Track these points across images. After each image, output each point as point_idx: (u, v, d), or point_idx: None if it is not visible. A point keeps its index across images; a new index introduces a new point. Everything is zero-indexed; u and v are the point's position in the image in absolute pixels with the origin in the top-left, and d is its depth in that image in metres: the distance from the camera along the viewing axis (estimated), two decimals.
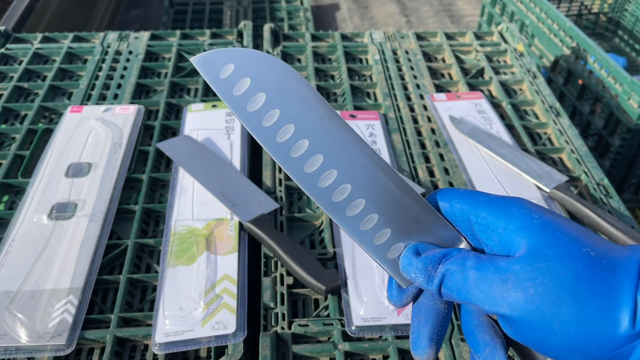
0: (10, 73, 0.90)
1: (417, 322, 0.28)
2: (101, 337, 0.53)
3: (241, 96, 0.26)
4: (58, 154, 0.72)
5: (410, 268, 0.27)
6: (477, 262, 0.25)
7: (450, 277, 0.25)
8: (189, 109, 0.81)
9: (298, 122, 0.26)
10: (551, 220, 0.24)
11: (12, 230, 0.62)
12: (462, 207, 0.27)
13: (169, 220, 0.64)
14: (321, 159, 0.26)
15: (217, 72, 0.27)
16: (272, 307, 0.56)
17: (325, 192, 0.27)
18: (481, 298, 0.24)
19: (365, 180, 0.27)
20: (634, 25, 1.45)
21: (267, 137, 0.26)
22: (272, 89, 0.26)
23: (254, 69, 0.27)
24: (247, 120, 0.26)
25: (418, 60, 0.95)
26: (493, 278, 0.24)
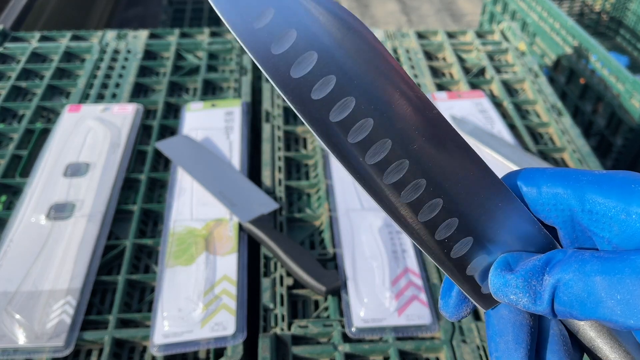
0: (8, 72, 0.90)
1: (504, 345, 0.22)
2: (99, 338, 0.53)
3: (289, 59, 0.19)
4: (56, 154, 0.71)
5: (506, 289, 0.20)
6: (602, 263, 0.19)
7: (566, 289, 0.19)
8: (187, 108, 0.80)
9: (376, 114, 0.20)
10: None
11: (9, 230, 0.62)
12: (558, 191, 0.21)
13: (168, 220, 0.64)
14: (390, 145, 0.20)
15: (251, 19, 0.19)
16: (271, 308, 0.56)
17: (400, 196, 0.20)
18: (620, 311, 0.18)
19: (440, 175, 0.20)
20: (636, 24, 1.44)
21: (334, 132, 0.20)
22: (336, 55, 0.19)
23: (304, 16, 0.19)
24: (304, 104, 0.19)
25: (419, 59, 0.95)
26: (633, 282, 0.18)
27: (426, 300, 0.56)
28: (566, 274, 0.19)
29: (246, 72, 0.90)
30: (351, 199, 0.67)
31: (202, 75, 0.89)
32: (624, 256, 0.18)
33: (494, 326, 0.22)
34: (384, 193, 0.21)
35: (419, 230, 0.21)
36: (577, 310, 0.19)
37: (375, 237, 0.62)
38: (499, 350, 0.22)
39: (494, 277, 0.21)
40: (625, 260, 0.18)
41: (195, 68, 0.92)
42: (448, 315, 0.23)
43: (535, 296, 0.20)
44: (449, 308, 0.23)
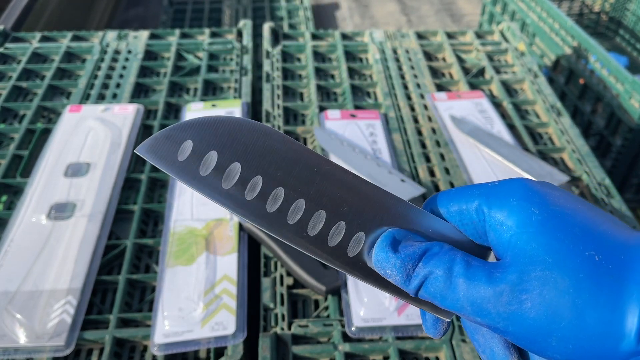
0: (9, 72, 0.90)
1: (482, 339, 0.24)
2: (100, 337, 0.53)
3: (215, 174, 0.23)
4: (57, 154, 0.72)
5: (385, 264, 0.23)
6: (467, 269, 0.22)
7: (433, 282, 0.22)
8: (188, 109, 0.81)
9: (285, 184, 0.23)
10: (553, 214, 0.21)
11: (10, 230, 0.62)
12: (459, 207, 0.24)
13: (168, 220, 0.64)
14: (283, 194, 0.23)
15: (174, 155, 0.23)
16: (271, 307, 0.56)
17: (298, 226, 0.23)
18: (470, 311, 0.21)
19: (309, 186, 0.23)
20: (635, 24, 1.45)
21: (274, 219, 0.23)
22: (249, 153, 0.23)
23: (216, 137, 0.23)
24: (241, 206, 0.23)
25: (419, 59, 0.95)
26: (486, 290, 0.21)
27: None
28: (436, 270, 0.22)
29: (246, 73, 0.90)
30: None
31: (203, 76, 0.89)
32: (487, 267, 0.22)
33: (470, 327, 0.25)
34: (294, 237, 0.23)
35: (349, 264, 0.24)
36: (439, 300, 0.22)
37: None
38: (481, 344, 0.24)
39: (378, 250, 0.23)
40: (486, 270, 0.21)
41: (195, 68, 0.92)
42: (431, 334, 0.26)
43: (406, 278, 0.23)
44: (428, 328, 0.26)
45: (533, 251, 0.21)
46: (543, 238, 0.21)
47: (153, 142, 0.23)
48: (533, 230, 0.21)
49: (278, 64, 0.92)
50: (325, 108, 0.83)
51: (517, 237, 0.21)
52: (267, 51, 0.95)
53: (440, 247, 0.23)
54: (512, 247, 0.22)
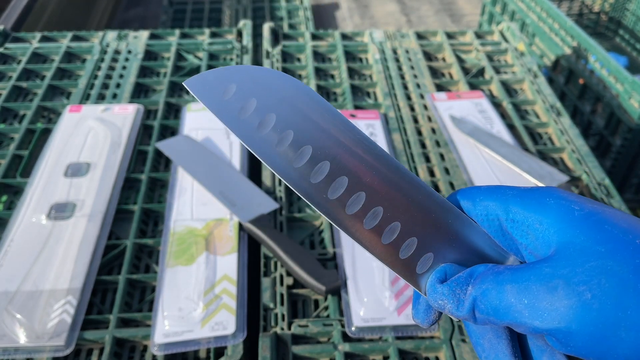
0: (9, 72, 0.90)
1: (487, 343, 0.24)
2: (100, 337, 0.53)
3: (252, 121, 0.23)
4: (57, 154, 0.72)
5: (435, 295, 0.23)
6: (513, 273, 0.21)
7: (483, 297, 0.22)
8: (188, 109, 0.81)
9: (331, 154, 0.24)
10: (594, 211, 0.21)
11: (10, 230, 0.62)
12: (488, 203, 0.24)
13: (168, 220, 0.64)
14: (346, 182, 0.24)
15: (219, 93, 0.24)
16: (271, 307, 0.56)
17: (345, 208, 0.24)
18: (527, 314, 0.20)
19: (380, 187, 0.24)
20: (634, 24, 1.45)
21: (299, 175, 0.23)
22: (291, 109, 0.24)
23: (261, 86, 0.24)
24: (272, 157, 0.23)
25: (418, 59, 0.95)
26: (538, 287, 0.20)
27: None
28: (484, 284, 0.22)
29: None
30: None
31: None
32: (531, 265, 0.21)
33: (475, 331, 0.25)
34: (349, 222, 0.24)
35: (384, 251, 0.24)
36: (493, 315, 0.22)
37: None
38: (485, 349, 0.24)
39: (429, 285, 0.24)
40: (532, 269, 0.21)
41: (195, 68, 0.92)
42: (420, 321, 0.26)
43: (458, 304, 0.23)
44: (419, 314, 0.25)
45: (583, 243, 0.20)
46: (590, 230, 0.21)
47: (200, 79, 0.24)
48: (577, 224, 0.21)
49: (278, 64, 0.92)
50: None
51: (563, 232, 0.21)
52: (267, 51, 0.95)
53: (484, 267, 0.23)
54: (557, 243, 0.21)
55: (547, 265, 0.21)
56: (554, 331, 0.20)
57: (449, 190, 0.70)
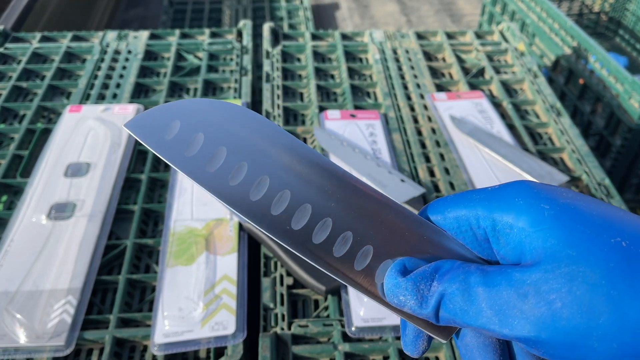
0: (9, 72, 0.90)
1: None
2: (100, 337, 0.53)
3: (200, 157, 0.22)
4: (57, 154, 0.72)
5: (397, 290, 0.22)
6: (484, 276, 0.20)
7: (451, 298, 0.20)
8: None
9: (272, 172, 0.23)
10: (566, 207, 0.20)
11: (10, 230, 0.62)
12: (457, 213, 0.23)
13: (168, 220, 0.64)
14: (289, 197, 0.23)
15: (162, 133, 0.22)
16: (271, 307, 0.56)
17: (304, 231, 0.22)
18: (496, 321, 0.19)
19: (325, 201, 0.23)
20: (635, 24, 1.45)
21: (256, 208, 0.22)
22: (242, 140, 0.22)
23: (207, 120, 0.23)
24: (226, 194, 0.22)
25: (418, 59, 0.95)
26: (508, 294, 0.19)
27: None
28: (453, 284, 0.21)
29: (246, 73, 0.90)
30: None
31: (203, 76, 0.89)
32: (505, 270, 0.20)
33: (464, 354, 0.23)
34: (317, 253, 0.23)
35: (339, 266, 0.23)
36: (460, 318, 0.20)
37: None
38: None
39: (387, 279, 0.22)
40: (504, 273, 0.20)
41: (195, 68, 0.92)
42: (409, 352, 0.24)
43: (422, 300, 0.21)
44: (407, 345, 0.24)
45: (553, 247, 0.19)
46: (561, 232, 0.19)
47: (141, 119, 0.22)
48: (548, 225, 0.20)
49: (278, 64, 0.92)
50: (325, 108, 0.83)
51: (532, 237, 0.20)
52: (267, 51, 0.95)
53: (451, 263, 0.22)
54: (528, 249, 0.20)
55: (518, 271, 0.20)
56: (523, 339, 0.19)
57: (449, 191, 0.70)
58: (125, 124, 0.23)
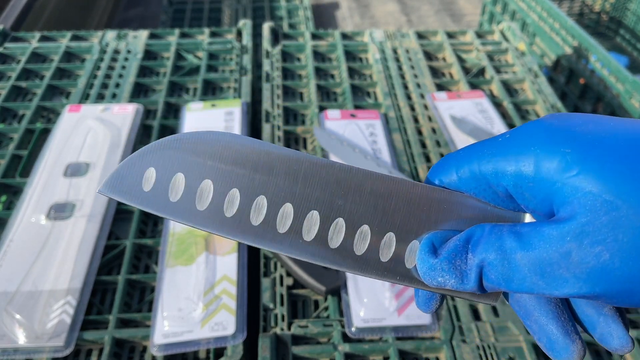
0: (8, 72, 0.90)
1: (536, 326, 0.21)
2: (100, 338, 0.53)
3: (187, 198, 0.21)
4: (56, 154, 0.71)
5: (433, 272, 0.20)
6: (519, 239, 0.19)
7: (490, 268, 0.19)
8: (187, 108, 0.81)
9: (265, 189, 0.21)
10: (589, 145, 0.18)
11: (10, 230, 0.62)
12: (471, 172, 0.21)
13: (168, 220, 0.64)
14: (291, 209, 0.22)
15: (139, 187, 0.21)
16: (271, 308, 0.56)
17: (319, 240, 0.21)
18: (543, 284, 0.18)
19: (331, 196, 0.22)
20: (635, 24, 1.44)
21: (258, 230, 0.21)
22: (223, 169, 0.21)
23: (182, 161, 0.21)
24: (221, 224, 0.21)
25: (419, 59, 0.95)
26: (549, 255, 0.18)
27: None
28: (489, 253, 0.19)
29: (246, 72, 0.90)
30: None
31: (202, 75, 0.89)
32: (537, 228, 0.19)
33: (519, 313, 0.22)
34: (336, 256, 0.22)
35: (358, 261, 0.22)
36: (505, 286, 0.19)
37: None
38: (535, 332, 0.21)
39: (420, 262, 0.21)
40: (539, 233, 0.18)
41: (195, 68, 0.92)
42: (423, 310, 0.23)
43: (462, 277, 0.20)
44: (421, 305, 0.23)
45: (587, 196, 0.17)
46: (591, 177, 0.17)
47: (113, 179, 0.21)
48: (575, 173, 0.18)
49: (278, 63, 0.92)
50: (325, 108, 0.83)
51: (561, 189, 0.18)
52: (267, 51, 0.95)
53: (481, 229, 0.20)
54: (559, 201, 0.18)
55: (554, 228, 0.18)
56: (577, 296, 0.18)
57: None
58: (99, 190, 0.21)
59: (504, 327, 0.55)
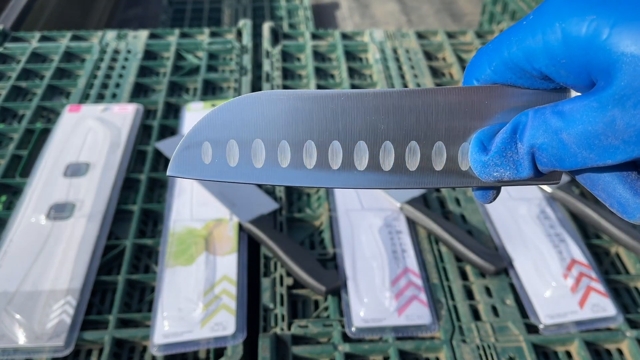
0: (8, 72, 0.90)
1: (616, 204, 0.21)
2: (99, 338, 0.53)
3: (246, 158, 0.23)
4: (56, 154, 0.71)
5: (488, 169, 0.21)
6: (562, 117, 0.19)
7: (541, 152, 0.20)
8: (187, 108, 0.80)
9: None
10: (615, 5, 0.17)
11: (9, 230, 0.62)
12: (502, 61, 0.21)
13: (168, 220, 0.64)
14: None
15: (200, 159, 0.23)
16: (271, 308, 0.56)
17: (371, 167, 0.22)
18: (595, 157, 0.18)
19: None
20: None
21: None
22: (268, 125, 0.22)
23: (230, 125, 0.23)
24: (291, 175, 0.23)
25: (419, 59, 0.95)
26: (595, 127, 0.18)
27: (426, 300, 0.56)
28: (536, 139, 0.20)
29: (246, 72, 0.90)
30: (351, 199, 0.67)
31: (202, 75, 0.89)
32: (578, 102, 0.19)
33: (586, 184, 0.21)
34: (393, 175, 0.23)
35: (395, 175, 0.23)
36: (559, 165, 0.20)
37: (375, 237, 0.62)
38: (605, 199, 0.21)
39: (473, 162, 0.22)
40: (581, 106, 0.18)
41: (195, 68, 0.92)
42: (482, 200, 0.24)
43: (516, 166, 0.21)
44: (479, 197, 0.24)
45: (621, 58, 0.17)
46: (621, 37, 0.17)
47: (175, 161, 0.23)
48: (605, 38, 0.17)
49: (278, 63, 0.92)
50: None
51: (595, 56, 0.18)
52: (267, 51, 0.95)
53: (525, 115, 0.20)
54: (596, 70, 0.18)
55: (594, 99, 0.18)
56: (632, 159, 0.18)
57: (449, 190, 0.70)
58: (168, 173, 0.23)
59: (504, 327, 0.55)
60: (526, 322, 0.55)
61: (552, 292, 0.57)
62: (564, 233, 0.63)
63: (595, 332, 0.55)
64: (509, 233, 0.63)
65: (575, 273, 0.58)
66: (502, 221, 0.65)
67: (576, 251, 0.61)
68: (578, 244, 0.62)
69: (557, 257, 0.60)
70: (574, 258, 0.60)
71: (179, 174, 0.23)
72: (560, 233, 0.63)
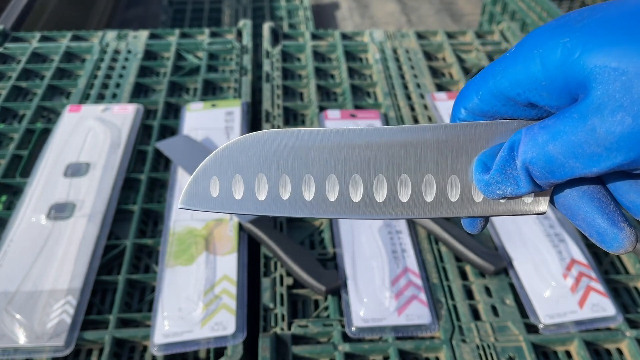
0: (9, 72, 0.90)
1: (584, 224, 0.22)
2: (100, 337, 0.53)
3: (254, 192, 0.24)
4: (56, 154, 0.71)
5: (490, 187, 0.22)
6: (547, 130, 0.20)
7: (533, 165, 0.20)
8: (187, 109, 0.81)
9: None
10: (587, 27, 0.18)
11: (10, 230, 0.62)
12: (488, 90, 0.22)
13: (168, 220, 0.64)
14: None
15: (208, 193, 0.25)
16: (271, 307, 0.56)
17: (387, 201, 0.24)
18: (580, 165, 0.19)
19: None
20: None
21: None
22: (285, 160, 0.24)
23: (241, 163, 0.24)
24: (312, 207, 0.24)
25: (419, 59, 0.95)
26: (577, 136, 0.19)
27: (426, 300, 0.56)
28: (528, 154, 0.21)
29: (246, 72, 0.90)
30: None
31: (202, 76, 0.89)
32: (560, 116, 0.20)
33: (567, 214, 0.23)
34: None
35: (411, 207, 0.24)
36: (551, 177, 0.20)
37: (375, 237, 0.62)
38: (585, 229, 0.22)
39: (477, 182, 0.23)
40: (562, 119, 0.20)
41: (195, 68, 0.92)
42: (470, 230, 0.25)
43: (516, 181, 0.22)
44: (467, 227, 0.25)
45: (594, 71, 0.18)
46: (593, 53, 0.18)
47: (187, 194, 0.24)
48: (578, 55, 0.19)
49: (278, 63, 0.92)
50: (325, 108, 0.83)
51: (570, 77, 0.19)
52: (267, 51, 0.95)
53: (519, 133, 0.21)
54: (574, 89, 0.19)
55: (574, 111, 0.19)
56: (617, 167, 0.19)
57: None
58: (179, 205, 0.25)
59: (504, 327, 0.55)
60: (526, 321, 0.56)
61: (551, 292, 0.57)
62: (563, 233, 0.63)
63: (594, 332, 0.55)
64: (509, 233, 0.63)
65: (575, 273, 0.58)
66: (502, 221, 0.65)
67: (576, 251, 0.61)
68: (578, 244, 0.62)
69: (557, 257, 0.60)
70: (574, 258, 0.60)
71: (190, 206, 0.25)
72: (560, 233, 0.63)
